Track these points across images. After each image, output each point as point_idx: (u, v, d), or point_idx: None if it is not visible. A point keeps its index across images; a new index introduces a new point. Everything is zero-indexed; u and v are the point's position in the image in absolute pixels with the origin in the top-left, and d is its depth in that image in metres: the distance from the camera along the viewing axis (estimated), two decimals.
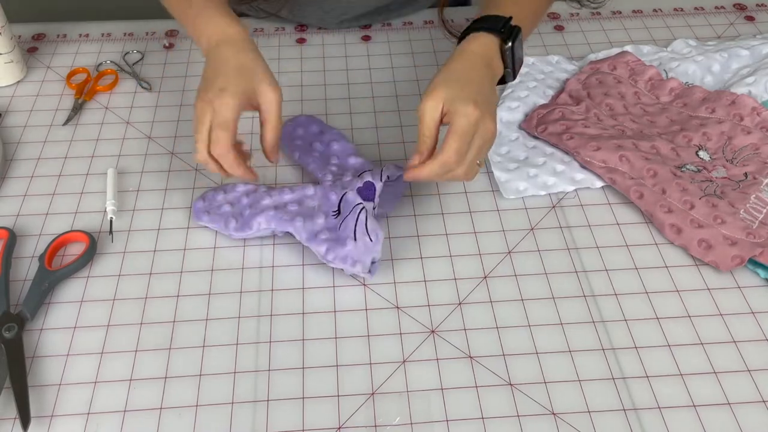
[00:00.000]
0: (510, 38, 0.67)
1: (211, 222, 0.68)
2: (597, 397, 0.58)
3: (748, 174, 0.72)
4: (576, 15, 0.96)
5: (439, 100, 0.62)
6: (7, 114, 0.83)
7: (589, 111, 0.78)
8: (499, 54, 0.67)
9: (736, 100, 0.77)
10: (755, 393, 0.58)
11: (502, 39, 0.67)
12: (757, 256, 0.65)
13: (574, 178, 0.74)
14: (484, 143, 0.63)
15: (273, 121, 0.64)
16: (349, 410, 0.57)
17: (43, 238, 0.70)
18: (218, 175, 0.75)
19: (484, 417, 0.57)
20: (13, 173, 0.76)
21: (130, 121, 0.82)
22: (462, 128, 0.61)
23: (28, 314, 0.62)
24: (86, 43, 0.93)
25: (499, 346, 0.61)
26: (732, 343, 0.61)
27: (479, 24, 0.68)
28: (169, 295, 0.65)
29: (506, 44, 0.67)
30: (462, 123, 0.61)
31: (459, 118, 0.61)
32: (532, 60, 0.87)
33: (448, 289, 0.65)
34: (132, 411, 0.57)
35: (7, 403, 0.57)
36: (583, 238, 0.69)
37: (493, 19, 0.67)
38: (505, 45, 0.67)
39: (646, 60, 0.85)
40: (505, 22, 0.67)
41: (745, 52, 0.85)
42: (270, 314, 0.64)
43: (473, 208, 0.72)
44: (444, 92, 0.62)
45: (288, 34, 0.94)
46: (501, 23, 0.67)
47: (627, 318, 0.63)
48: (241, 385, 0.59)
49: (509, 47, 0.67)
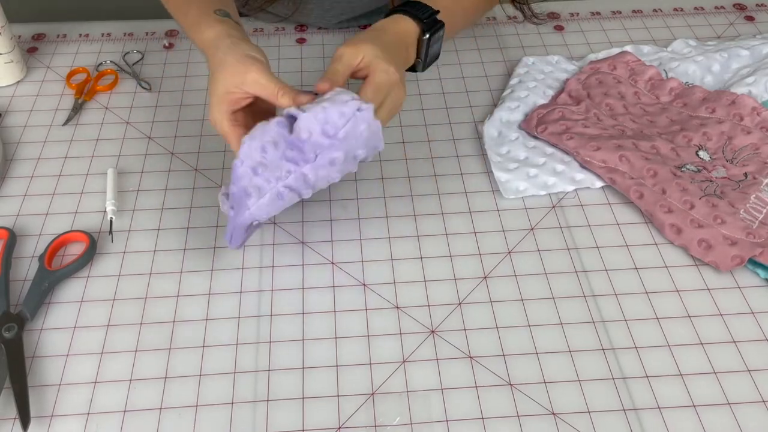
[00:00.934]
0: (429, 30, 0.67)
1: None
2: (597, 397, 0.58)
3: (748, 174, 0.72)
4: (576, 15, 0.96)
5: (361, 51, 0.62)
6: (7, 114, 0.83)
7: (589, 111, 0.78)
8: (415, 42, 0.68)
9: (736, 100, 0.77)
10: (755, 393, 0.58)
11: (422, 29, 0.68)
12: (757, 256, 0.65)
13: (574, 178, 0.74)
14: (394, 107, 0.63)
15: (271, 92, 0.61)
16: (349, 410, 0.57)
17: (43, 238, 0.70)
18: (218, 176, 0.75)
19: (484, 417, 0.57)
20: (13, 173, 0.76)
21: (130, 121, 0.82)
22: (380, 82, 0.61)
23: (28, 314, 0.62)
24: (86, 43, 0.93)
25: (499, 346, 0.61)
26: (732, 343, 0.61)
27: (406, 8, 0.68)
28: (169, 295, 0.65)
29: (424, 35, 0.68)
30: (382, 78, 0.61)
31: (379, 73, 0.61)
32: (532, 60, 0.87)
33: (448, 289, 0.65)
34: (132, 411, 0.57)
35: (7, 403, 0.57)
36: (583, 238, 0.69)
37: (421, 7, 0.68)
38: (423, 35, 0.68)
39: (646, 60, 0.85)
40: (431, 14, 0.68)
41: (745, 52, 0.85)
42: (270, 314, 0.64)
43: (473, 208, 0.72)
44: (367, 47, 0.62)
45: (288, 34, 0.94)
46: (427, 13, 0.68)
47: (627, 318, 0.63)
48: (241, 385, 0.59)
49: (426, 39, 0.68)
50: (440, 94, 0.84)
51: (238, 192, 0.61)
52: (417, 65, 0.70)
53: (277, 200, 0.61)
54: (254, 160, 0.60)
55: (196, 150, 0.78)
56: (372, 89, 0.61)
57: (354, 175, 0.75)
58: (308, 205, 0.72)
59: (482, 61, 0.89)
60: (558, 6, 0.97)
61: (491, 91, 0.85)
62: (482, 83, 0.86)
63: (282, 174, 0.60)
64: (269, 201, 0.60)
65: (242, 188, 0.60)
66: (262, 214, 0.61)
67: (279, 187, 0.60)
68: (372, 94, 0.60)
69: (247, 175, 0.60)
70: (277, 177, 0.60)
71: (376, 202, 0.73)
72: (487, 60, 0.89)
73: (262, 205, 0.60)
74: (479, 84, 0.86)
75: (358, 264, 0.67)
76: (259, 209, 0.61)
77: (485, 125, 0.78)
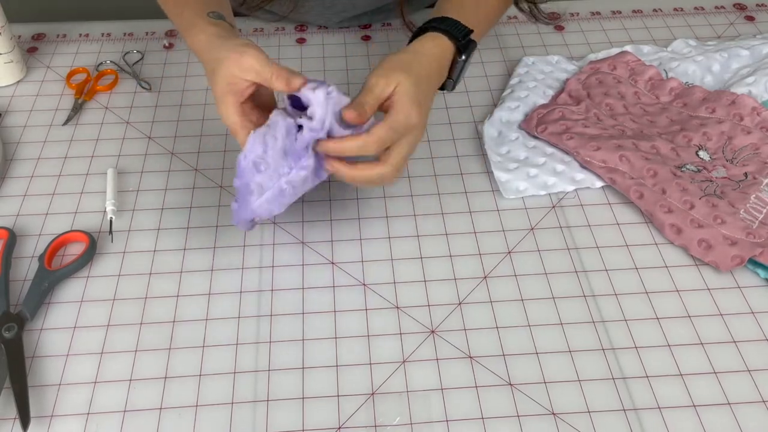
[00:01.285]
0: (466, 51, 0.66)
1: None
2: (597, 397, 0.58)
3: (748, 174, 0.72)
4: (576, 15, 0.96)
5: (393, 83, 0.60)
6: (7, 114, 0.83)
7: (589, 111, 0.78)
8: (450, 61, 0.66)
9: (736, 100, 0.77)
10: (755, 393, 0.58)
11: (458, 48, 0.66)
12: (757, 256, 0.65)
13: (574, 178, 0.74)
14: (409, 149, 0.61)
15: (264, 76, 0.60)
16: (349, 410, 0.57)
17: (43, 238, 0.70)
18: (218, 176, 0.75)
19: (484, 417, 0.57)
20: (13, 173, 0.76)
21: (130, 121, 0.82)
22: (397, 124, 0.59)
23: (28, 314, 0.62)
24: (86, 43, 0.93)
25: (499, 346, 0.61)
26: (732, 343, 0.61)
27: (439, 24, 0.66)
28: (169, 295, 0.65)
29: (461, 56, 0.66)
30: (400, 119, 0.60)
31: (400, 114, 0.60)
32: (532, 60, 0.87)
33: (448, 289, 0.65)
34: (132, 411, 0.57)
35: (7, 403, 0.57)
36: (583, 238, 0.69)
37: (453, 24, 0.66)
38: (459, 56, 0.66)
39: (646, 60, 0.85)
40: (466, 33, 0.66)
41: (745, 52, 0.85)
42: (270, 314, 0.64)
43: (473, 208, 0.72)
44: (400, 78, 0.60)
45: (288, 34, 0.94)
46: (462, 32, 0.66)
47: (627, 318, 0.63)
48: (241, 385, 0.59)
49: (462, 60, 0.66)
50: (440, 94, 0.84)
51: (241, 186, 0.61)
52: (447, 85, 0.68)
53: (280, 197, 0.61)
54: (256, 155, 0.60)
55: (196, 150, 0.78)
56: (386, 129, 0.59)
57: None
58: (308, 205, 0.72)
59: (482, 61, 0.89)
60: (558, 6, 0.97)
61: (491, 91, 0.85)
62: (482, 83, 0.86)
63: (284, 171, 0.60)
64: (272, 197, 0.60)
65: (245, 184, 0.61)
66: (264, 212, 0.61)
67: (281, 183, 0.60)
68: (384, 133, 0.59)
69: (250, 171, 0.60)
70: (279, 173, 0.60)
71: (376, 202, 0.73)
72: (487, 60, 0.89)
73: (264, 202, 0.61)
74: (479, 84, 0.86)
75: (358, 264, 0.67)
76: (260, 207, 0.61)
77: (485, 125, 0.78)
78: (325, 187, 0.74)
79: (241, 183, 0.61)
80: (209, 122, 0.81)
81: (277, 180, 0.60)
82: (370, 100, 0.60)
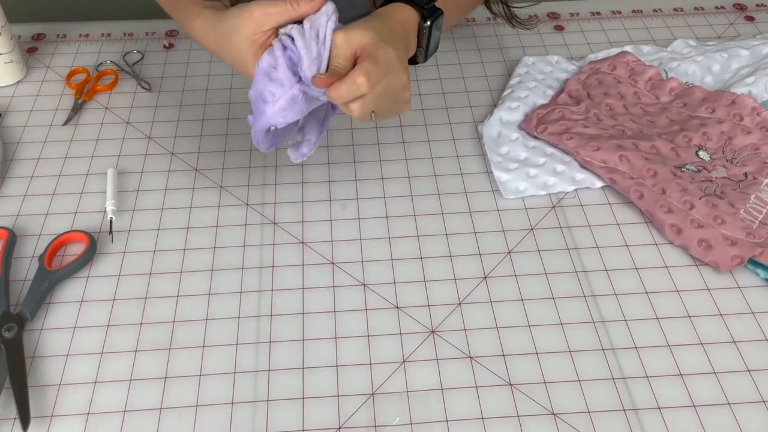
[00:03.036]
0: (430, 17, 0.65)
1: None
2: (597, 397, 0.58)
3: (748, 174, 0.72)
4: (576, 15, 0.96)
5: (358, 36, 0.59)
6: (7, 114, 0.83)
7: (589, 111, 0.78)
8: (416, 30, 0.65)
9: (736, 100, 0.77)
10: (755, 393, 0.58)
11: (422, 16, 0.65)
12: (757, 256, 0.65)
13: (574, 178, 0.74)
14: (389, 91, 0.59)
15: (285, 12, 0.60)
16: (349, 410, 0.57)
17: (43, 238, 0.70)
18: (218, 176, 0.75)
19: (484, 417, 0.57)
20: (13, 173, 0.76)
21: (130, 121, 0.82)
22: (379, 57, 0.58)
23: (28, 314, 0.62)
24: (86, 43, 0.93)
25: (499, 346, 0.61)
26: (732, 343, 0.61)
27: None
28: (169, 295, 0.65)
29: (425, 22, 0.65)
30: (380, 54, 0.58)
31: (378, 50, 0.58)
32: (532, 60, 0.87)
33: (448, 289, 0.65)
34: (132, 411, 0.57)
35: (7, 403, 0.57)
36: (583, 238, 0.69)
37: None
38: (424, 23, 0.65)
39: (646, 60, 0.85)
40: (429, 1, 0.65)
41: (745, 52, 0.85)
42: (270, 314, 0.64)
43: (473, 208, 0.72)
44: (363, 34, 0.59)
45: None
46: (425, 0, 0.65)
47: (627, 318, 0.63)
48: (241, 385, 0.59)
49: (427, 26, 0.65)
50: (440, 94, 0.84)
51: (255, 96, 0.61)
52: (418, 55, 0.67)
53: (292, 103, 0.60)
54: (269, 63, 0.60)
55: (196, 150, 0.78)
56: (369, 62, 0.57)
57: (354, 174, 0.75)
58: (308, 205, 0.72)
59: (482, 61, 0.89)
60: (558, 6, 0.97)
61: (491, 91, 0.85)
62: (482, 83, 0.86)
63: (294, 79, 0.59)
64: (285, 105, 0.60)
65: (259, 93, 0.60)
66: (279, 120, 0.60)
67: (293, 90, 0.60)
68: (368, 67, 0.57)
69: (263, 80, 0.60)
70: (291, 81, 0.60)
71: (376, 202, 0.73)
72: (487, 60, 0.89)
73: (278, 110, 0.60)
74: (479, 84, 0.86)
75: (358, 264, 0.67)
76: (275, 115, 0.60)
77: (485, 125, 0.78)
78: (325, 187, 0.74)
79: (255, 93, 0.61)
80: (209, 122, 0.81)
81: (290, 89, 0.60)
82: (341, 61, 0.59)
